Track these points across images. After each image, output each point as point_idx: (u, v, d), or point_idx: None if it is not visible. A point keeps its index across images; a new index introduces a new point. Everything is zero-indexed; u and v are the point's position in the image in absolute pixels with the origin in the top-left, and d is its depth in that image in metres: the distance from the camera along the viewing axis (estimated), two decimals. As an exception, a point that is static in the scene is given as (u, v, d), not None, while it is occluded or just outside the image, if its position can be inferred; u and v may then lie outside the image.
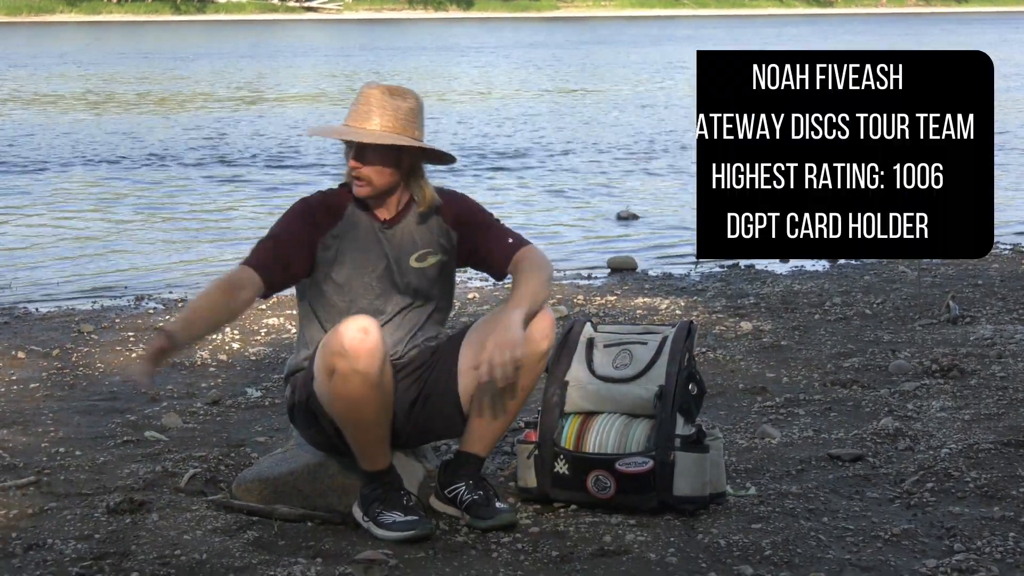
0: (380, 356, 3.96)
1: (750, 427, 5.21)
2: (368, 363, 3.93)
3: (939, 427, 5.09)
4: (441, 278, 4.28)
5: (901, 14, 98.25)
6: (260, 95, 28.57)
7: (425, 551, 3.96)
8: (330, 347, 3.98)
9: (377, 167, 4.14)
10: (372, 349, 3.94)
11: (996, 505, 4.26)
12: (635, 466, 4.18)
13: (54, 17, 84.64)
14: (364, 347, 3.93)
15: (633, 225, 12.03)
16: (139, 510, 4.24)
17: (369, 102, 4.14)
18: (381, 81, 4.26)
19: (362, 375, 3.94)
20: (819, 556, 3.87)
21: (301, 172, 15.92)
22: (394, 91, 4.17)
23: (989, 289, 8.02)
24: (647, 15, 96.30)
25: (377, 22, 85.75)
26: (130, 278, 9.58)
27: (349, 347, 3.93)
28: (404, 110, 4.14)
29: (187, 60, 41.88)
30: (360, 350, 3.92)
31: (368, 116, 4.13)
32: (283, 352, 6.57)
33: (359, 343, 3.93)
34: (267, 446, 4.98)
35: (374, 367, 3.95)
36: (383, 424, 4.07)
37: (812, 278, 8.68)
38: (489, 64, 40.05)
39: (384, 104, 4.13)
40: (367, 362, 3.93)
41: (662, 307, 7.77)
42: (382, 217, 4.22)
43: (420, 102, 4.21)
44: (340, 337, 3.95)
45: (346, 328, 3.95)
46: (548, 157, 17.22)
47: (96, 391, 5.91)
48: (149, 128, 21.01)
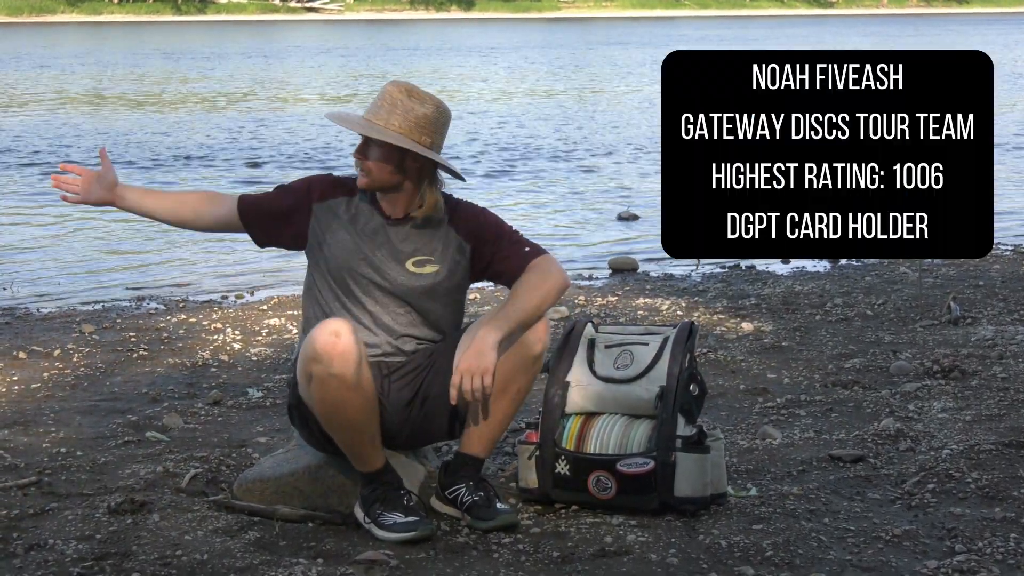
0: (353, 358, 3.96)
1: (751, 428, 5.21)
2: (342, 366, 3.94)
3: (940, 428, 5.09)
4: (440, 287, 4.22)
5: (902, 15, 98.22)
6: (271, 95, 28.56)
7: (426, 552, 3.96)
8: (305, 353, 4.00)
9: (379, 163, 4.14)
10: (344, 352, 3.94)
11: (997, 506, 4.26)
12: (636, 467, 4.18)
13: (55, 17, 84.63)
14: (336, 350, 3.93)
15: (634, 226, 12.03)
16: (140, 510, 4.24)
17: (387, 99, 4.14)
18: (407, 81, 4.26)
19: (337, 378, 3.95)
20: (820, 557, 3.87)
21: (309, 170, 15.93)
22: (413, 93, 4.15)
23: (990, 290, 8.02)
24: (649, 16, 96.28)
25: (378, 23, 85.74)
26: (131, 278, 9.58)
27: (322, 351, 3.94)
28: (418, 114, 4.12)
29: (188, 59, 41.89)
30: (333, 354, 3.93)
31: (381, 112, 4.13)
32: (284, 352, 6.58)
33: (331, 347, 3.93)
34: (268, 447, 4.98)
35: (348, 369, 3.95)
36: (369, 424, 4.06)
37: (813, 279, 8.68)
38: (489, 65, 40.04)
39: (400, 104, 4.13)
40: (340, 365, 3.94)
41: (663, 308, 7.78)
42: (388, 213, 4.22)
43: (440, 110, 4.16)
44: (313, 342, 3.96)
45: (318, 332, 3.96)
46: (549, 158, 17.23)
47: (97, 391, 5.91)
48: (152, 128, 21.01)
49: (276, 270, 9.59)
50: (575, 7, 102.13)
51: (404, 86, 4.18)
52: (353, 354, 3.95)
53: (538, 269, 4.14)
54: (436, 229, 4.22)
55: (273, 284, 9.12)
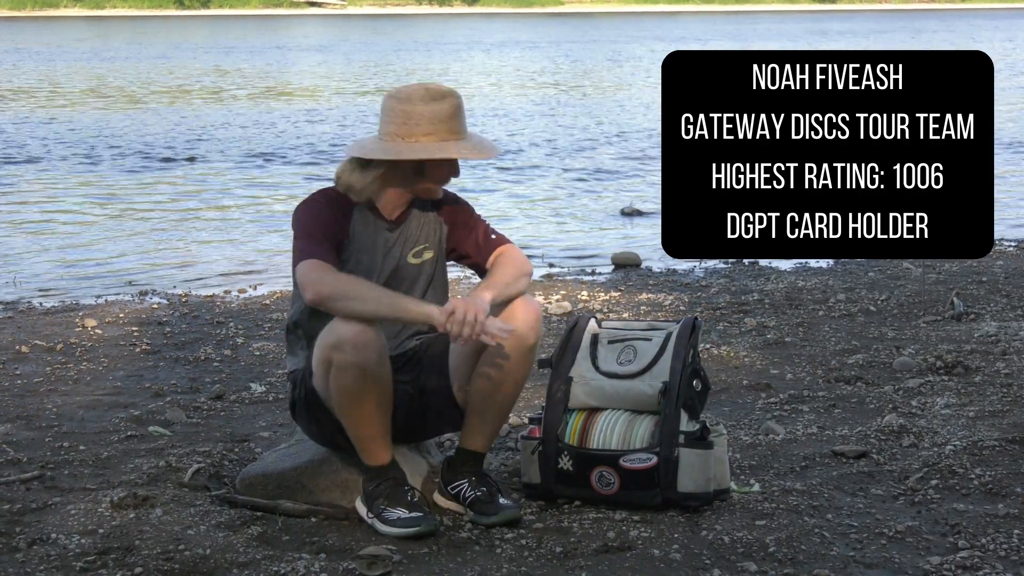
0: (376, 348, 3.95)
1: (754, 423, 5.21)
2: (365, 355, 3.93)
3: (943, 424, 5.08)
4: (434, 273, 4.27)
5: (905, 11, 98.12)
6: (272, 90, 28.57)
7: (429, 547, 3.96)
8: (326, 340, 3.97)
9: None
10: (368, 342, 3.93)
11: (1000, 502, 4.26)
12: (639, 462, 4.18)
13: (58, 12, 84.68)
14: (360, 339, 3.92)
15: (637, 221, 12.02)
16: (143, 505, 4.23)
17: (454, 114, 4.11)
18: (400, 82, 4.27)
19: (359, 367, 3.93)
20: (823, 553, 3.86)
21: (309, 168, 15.93)
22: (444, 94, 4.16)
23: (993, 286, 8.02)
24: (652, 11, 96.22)
25: (381, 17, 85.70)
26: (134, 273, 9.58)
27: (345, 340, 3.92)
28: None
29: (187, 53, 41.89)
30: (356, 342, 3.92)
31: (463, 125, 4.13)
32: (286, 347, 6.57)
33: (355, 335, 3.92)
34: (271, 441, 4.98)
35: (371, 359, 3.94)
36: (383, 417, 4.06)
37: (816, 275, 8.67)
38: (493, 60, 40.03)
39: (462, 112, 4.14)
40: (364, 355, 3.92)
41: (666, 303, 7.77)
42: (387, 215, 4.20)
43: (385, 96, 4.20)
44: (336, 330, 3.94)
45: (342, 320, 3.95)
46: (552, 153, 17.22)
47: (100, 386, 5.91)
48: (156, 124, 21.02)
49: (278, 265, 9.59)
50: (578, 2, 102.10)
51: (437, 90, 4.15)
52: (376, 344, 3.95)
53: (508, 255, 4.23)
54: (427, 215, 4.24)
55: (275, 278, 9.11)
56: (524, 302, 4.17)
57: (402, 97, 4.10)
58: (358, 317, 3.93)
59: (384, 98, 4.17)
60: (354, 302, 3.93)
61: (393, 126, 4.09)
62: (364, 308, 3.93)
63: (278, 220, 11.78)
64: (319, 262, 3.98)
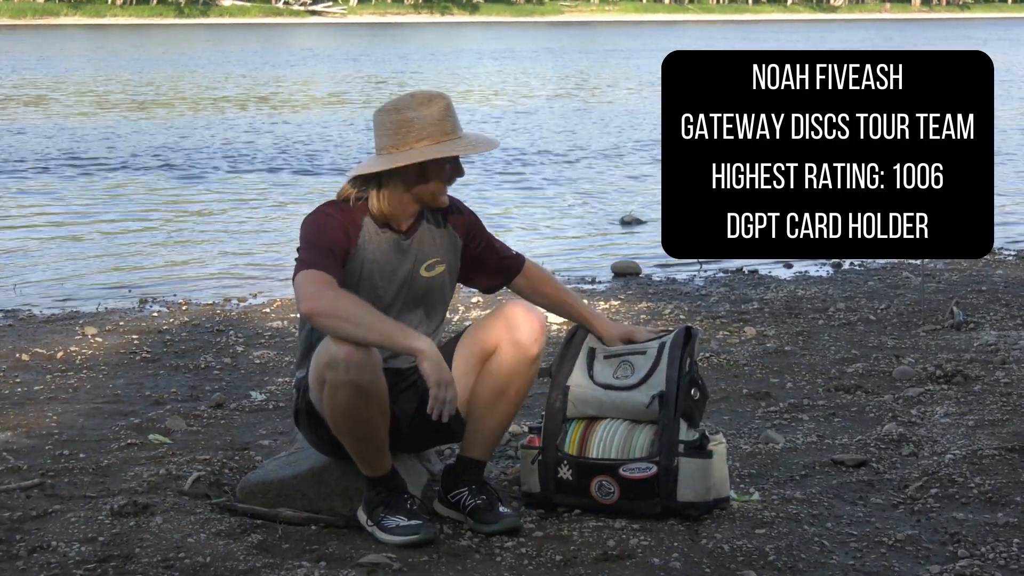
0: (371, 367, 3.90)
1: (754, 432, 5.21)
2: (359, 374, 3.88)
3: (943, 433, 5.09)
4: (446, 284, 4.26)
5: (905, 20, 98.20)
6: (267, 99, 28.58)
7: (429, 555, 3.96)
8: (320, 359, 3.94)
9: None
10: (361, 361, 3.88)
11: (1000, 511, 4.26)
12: (639, 471, 4.18)
13: (58, 20, 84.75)
14: (354, 358, 3.87)
15: (637, 230, 12.03)
16: (143, 513, 4.24)
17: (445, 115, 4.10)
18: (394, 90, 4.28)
19: (354, 385, 3.89)
20: (823, 562, 3.87)
21: (309, 177, 15.94)
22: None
23: (993, 295, 8.02)
24: (651, 20, 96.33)
25: (381, 26, 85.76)
26: (134, 281, 9.58)
27: (338, 359, 3.88)
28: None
29: (191, 61, 41.93)
30: (350, 361, 3.87)
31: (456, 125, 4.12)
32: (287, 355, 6.58)
33: (348, 354, 3.87)
34: (271, 449, 4.98)
35: (365, 378, 3.89)
36: (379, 432, 4.03)
37: (816, 283, 8.68)
38: (492, 69, 40.06)
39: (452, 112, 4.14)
40: (358, 373, 3.88)
41: (666, 312, 7.78)
42: (399, 227, 4.17)
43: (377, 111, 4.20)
44: (330, 349, 3.90)
45: (336, 340, 3.90)
46: (552, 162, 17.23)
47: (100, 394, 5.91)
48: (155, 131, 21.02)
49: (278, 273, 9.59)
50: (577, 11, 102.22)
51: (435, 94, 4.15)
52: (370, 362, 3.90)
53: (544, 274, 4.46)
54: (440, 227, 4.23)
55: (276, 287, 9.12)
56: (527, 312, 4.16)
57: (390, 109, 4.10)
58: (345, 339, 3.87)
59: (374, 114, 4.16)
60: (344, 323, 3.86)
61: (386, 139, 4.08)
62: (355, 332, 3.86)
63: (279, 229, 11.79)
64: (319, 273, 3.93)
